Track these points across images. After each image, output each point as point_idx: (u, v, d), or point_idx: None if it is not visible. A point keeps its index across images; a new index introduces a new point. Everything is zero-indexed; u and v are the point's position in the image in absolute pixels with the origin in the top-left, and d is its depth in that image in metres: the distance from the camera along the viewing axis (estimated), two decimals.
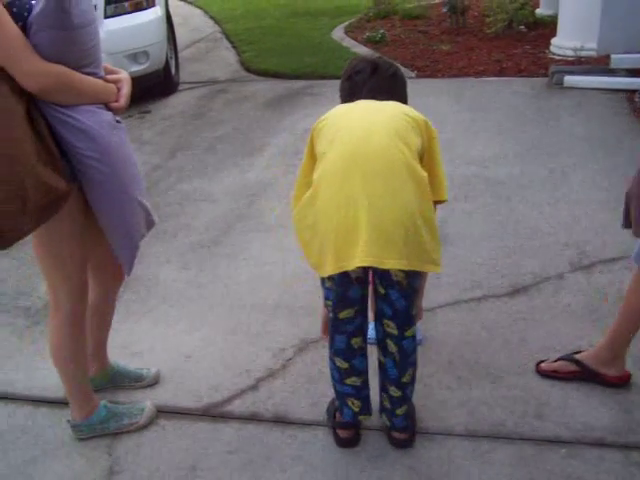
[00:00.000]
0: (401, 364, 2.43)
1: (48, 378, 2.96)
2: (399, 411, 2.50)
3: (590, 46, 7.45)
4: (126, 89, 2.37)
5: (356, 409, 2.52)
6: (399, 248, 2.15)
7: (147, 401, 2.78)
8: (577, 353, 2.85)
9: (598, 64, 7.17)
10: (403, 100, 2.47)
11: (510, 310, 3.34)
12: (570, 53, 7.63)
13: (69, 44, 2.12)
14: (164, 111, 6.98)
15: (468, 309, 3.37)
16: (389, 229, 2.14)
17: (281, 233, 4.27)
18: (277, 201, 4.73)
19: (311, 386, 2.89)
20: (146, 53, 6.63)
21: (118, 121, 2.34)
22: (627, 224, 2.66)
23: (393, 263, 2.17)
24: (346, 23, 10.62)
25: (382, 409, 2.56)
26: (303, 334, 3.25)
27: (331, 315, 2.42)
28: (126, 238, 2.40)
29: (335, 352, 2.46)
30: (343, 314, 2.38)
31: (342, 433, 2.57)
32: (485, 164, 5.09)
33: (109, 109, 2.32)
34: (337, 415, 2.60)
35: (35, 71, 2.08)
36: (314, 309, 3.39)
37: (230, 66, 8.64)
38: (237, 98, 7.24)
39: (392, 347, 2.42)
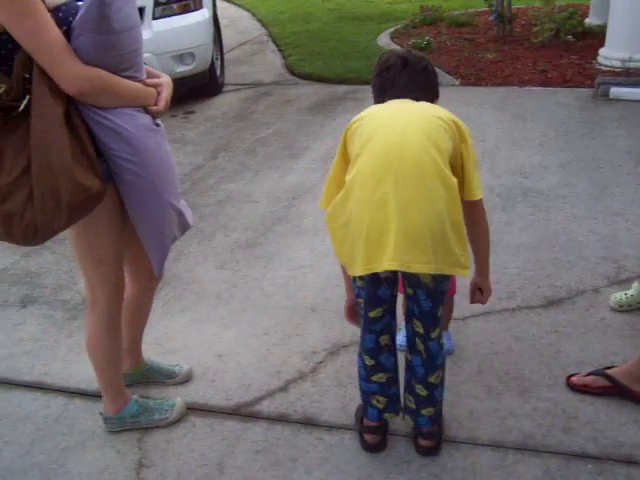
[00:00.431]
0: (428, 363, 2.46)
1: (83, 371, 3.04)
2: (424, 412, 2.52)
3: (639, 57, 7.36)
4: (166, 93, 2.42)
5: (381, 406, 2.55)
6: (427, 253, 2.19)
7: (178, 398, 2.83)
8: (609, 368, 2.83)
9: None
10: (435, 93, 2.48)
11: (543, 322, 3.32)
12: (618, 64, 7.54)
13: (109, 48, 2.18)
14: (208, 112, 7.06)
15: (501, 319, 3.36)
16: (418, 235, 2.18)
17: (318, 237, 4.30)
18: (316, 205, 4.75)
19: (340, 390, 2.91)
20: (192, 54, 6.72)
21: (157, 124, 2.39)
22: None
23: (420, 267, 2.21)
24: (392, 29, 10.62)
25: (407, 411, 2.58)
26: (335, 338, 3.28)
27: (362, 314, 2.47)
28: (157, 240, 2.45)
29: (364, 350, 2.50)
30: (373, 313, 2.43)
31: (369, 437, 2.59)
32: (526, 174, 5.06)
33: (148, 112, 2.37)
34: (364, 419, 2.62)
35: (74, 74, 2.13)
36: None
37: (275, 69, 8.70)
38: (281, 101, 7.30)
39: (420, 345, 2.46)
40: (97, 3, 2.07)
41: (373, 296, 2.39)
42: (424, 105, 2.36)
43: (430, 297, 2.37)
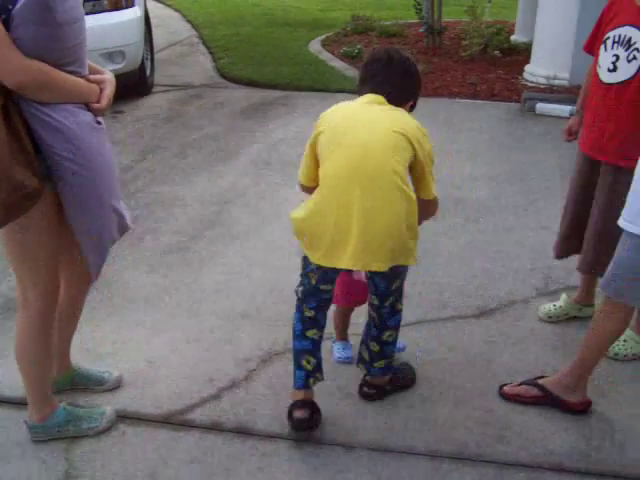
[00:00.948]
0: (380, 325, 2.78)
1: (7, 375, 2.91)
2: (376, 364, 2.82)
3: (563, 75, 7.58)
4: (109, 90, 2.35)
5: (309, 367, 2.71)
6: (385, 255, 2.48)
7: (107, 405, 2.74)
8: (540, 378, 2.88)
9: (570, 94, 7.28)
10: (412, 97, 2.63)
11: (476, 332, 3.36)
12: (543, 81, 7.75)
13: (51, 41, 2.09)
14: (137, 112, 6.92)
15: (434, 328, 3.39)
16: (377, 240, 2.44)
17: (250, 243, 4.26)
18: (247, 210, 4.71)
19: (274, 398, 2.87)
20: (122, 53, 6.58)
21: (99, 122, 2.31)
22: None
23: (378, 266, 2.50)
24: (323, 36, 10.66)
25: (361, 361, 2.88)
26: (268, 346, 3.24)
27: (312, 283, 2.68)
28: (95, 242, 2.37)
29: (307, 306, 2.72)
30: (324, 287, 2.69)
31: (297, 413, 2.66)
32: (456, 185, 5.13)
33: (90, 109, 2.29)
34: (292, 395, 2.73)
35: (14, 66, 2.04)
36: (280, 320, 3.39)
37: (206, 71, 8.60)
38: (211, 104, 7.21)
39: (373, 314, 2.79)
40: None
41: (327, 276, 2.66)
42: (390, 116, 2.49)
43: (385, 280, 2.68)
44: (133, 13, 6.77)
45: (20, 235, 2.24)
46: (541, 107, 6.84)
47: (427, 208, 2.66)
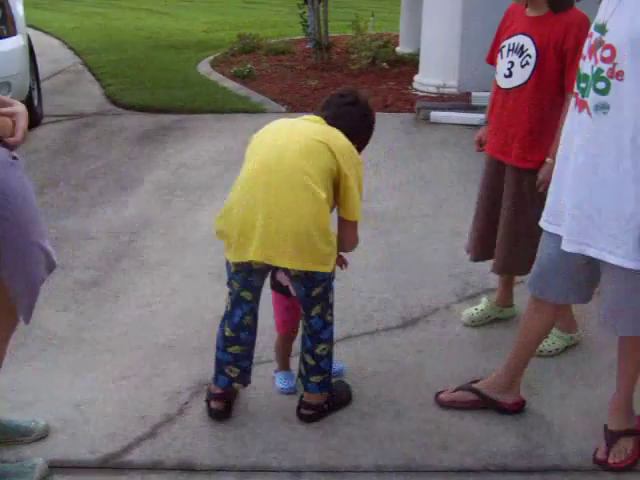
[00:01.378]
0: (313, 337, 2.80)
1: None
2: (313, 379, 2.82)
3: (452, 83, 7.82)
4: (23, 122, 2.24)
5: (233, 375, 2.81)
6: (290, 252, 2.56)
7: (39, 457, 2.60)
8: (475, 382, 2.93)
9: (460, 100, 7.52)
10: (359, 138, 2.84)
11: (403, 342, 3.39)
12: (433, 90, 7.97)
13: None
14: (28, 145, 6.65)
15: (362, 343, 3.40)
16: (280, 235, 2.55)
17: (164, 272, 4.16)
18: (158, 238, 4.61)
19: (212, 429, 2.80)
20: (8, 84, 6.30)
21: (15, 157, 2.21)
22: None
23: (281, 262, 2.59)
24: (211, 57, 10.61)
25: (300, 375, 2.90)
26: (198, 376, 3.15)
27: (235, 291, 2.76)
28: (25, 284, 2.26)
29: (228, 323, 2.79)
30: (244, 293, 2.75)
31: (214, 404, 2.84)
32: (363, 198, 5.16)
33: (4, 145, 2.18)
34: (211, 387, 2.88)
35: None
36: (206, 349, 3.31)
37: (95, 99, 8.39)
38: (106, 132, 7.03)
39: (305, 324, 2.83)
40: None
41: (246, 280, 2.72)
42: (318, 129, 2.65)
43: (303, 285, 2.69)
44: (16, 42, 6.52)
45: None
46: (435, 115, 7.03)
47: (345, 231, 2.75)
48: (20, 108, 2.27)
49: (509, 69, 3.09)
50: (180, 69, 9.78)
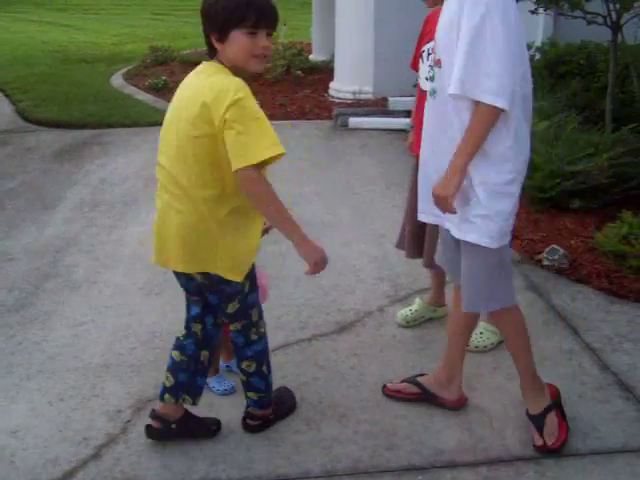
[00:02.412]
0: (237, 351, 2.77)
1: None
2: (249, 394, 2.80)
3: (367, 89, 7.94)
4: None
5: (167, 384, 2.74)
6: (178, 254, 2.48)
7: None
8: (420, 376, 3.00)
9: (377, 106, 7.64)
10: (213, 30, 2.35)
11: (340, 347, 3.42)
12: (349, 96, 8.07)
13: None
14: None
15: (299, 350, 3.42)
16: (167, 239, 2.50)
17: (94, 289, 4.08)
18: (83, 256, 4.52)
19: (157, 447, 2.76)
20: None
21: None
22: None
23: (174, 265, 2.54)
24: (124, 70, 10.47)
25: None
26: (138, 393, 3.11)
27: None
28: None
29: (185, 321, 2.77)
30: (188, 295, 2.73)
31: (151, 422, 2.77)
32: (288, 205, 5.17)
33: None
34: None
35: None
36: (143, 365, 3.30)
37: (6, 116, 8.17)
38: (20, 150, 6.86)
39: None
40: None
41: (182, 283, 2.69)
42: (200, 84, 2.37)
43: (213, 294, 2.61)
44: None
45: None
46: (353, 121, 7.13)
47: (241, 187, 2.34)
48: None
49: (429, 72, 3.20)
50: (92, 83, 9.62)
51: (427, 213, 2.71)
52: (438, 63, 2.52)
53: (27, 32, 15.39)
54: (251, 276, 2.62)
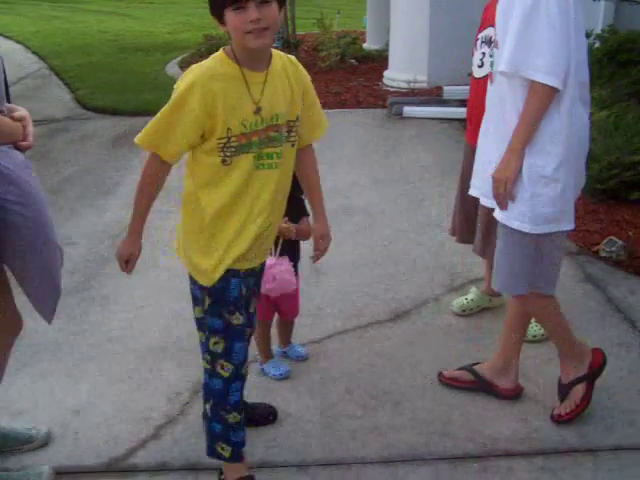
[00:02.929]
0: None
1: None
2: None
3: (421, 78, 7.88)
4: (31, 126, 2.26)
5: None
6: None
7: (44, 465, 2.58)
8: (476, 364, 3.00)
9: (431, 95, 7.59)
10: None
11: (396, 335, 3.43)
12: (403, 85, 8.02)
13: None
14: None
15: (355, 337, 3.43)
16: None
17: (152, 274, 4.15)
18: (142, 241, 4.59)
19: None
20: None
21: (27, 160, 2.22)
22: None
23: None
24: (179, 58, 10.58)
25: None
26: (195, 376, 3.15)
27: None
28: (49, 284, 2.27)
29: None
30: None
31: None
32: (343, 194, 5.22)
33: (17, 148, 2.18)
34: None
35: None
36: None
37: (65, 103, 8.33)
38: (79, 137, 6.99)
39: None
40: None
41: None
42: None
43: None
44: None
45: None
46: (408, 110, 7.09)
47: None
48: (26, 112, 2.28)
49: (481, 59, 3.24)
50: (148, 71, 9.74)
51: (478, 188, 2.82)
52: (497, 45, 2.55)
53: (85, 22, 15.63)
54: (216, 297, 2.32)
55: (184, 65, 10.04)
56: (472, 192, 2.89)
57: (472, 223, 3.44)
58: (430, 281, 3.92)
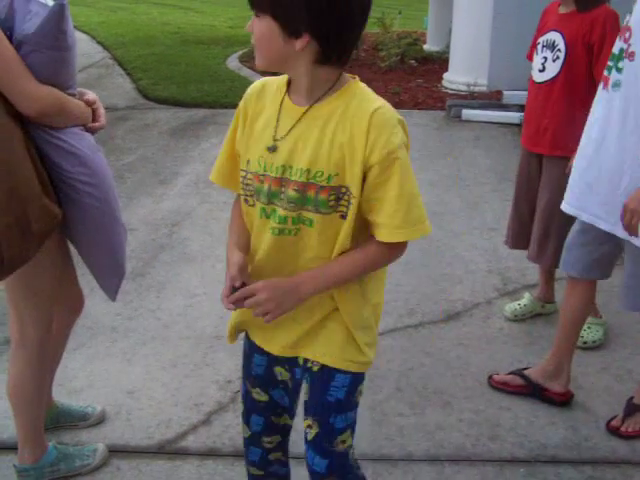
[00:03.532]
0: None
1: None
2: None
3: (481, 82, 7.83)
4: (102, 108, 2.33)
5: None
6: None
7: (99, 443, 2.65)
8: (526, 369, 3.00)
9: (490, 99, 7.54)
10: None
11: (447, 336, 3.43)
12: (463, 88, 7.98)
13: (62, 65, 2.07)
14: None
15: (407, 335, 3.44)
16: None
17: (207, 264, 4.22)
18: (198, 231, 4.68)
19: None
20: None
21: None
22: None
23: None
24: (239, 52, 10.67)
25: None
26: None
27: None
28: (114, 264, 2.33)
29: None
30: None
31: None
32: None
33: (88, 130, 2.25)
34: None
35: (33, 94, 1.99)
36: None
37: (127, 93, 8.48)
38: (139, 126, 7.11)
39: None
40: (57, 16, 1.94)
41: None
42: None
43: None
44: None
45: (30, 270, 2.16)
46: (467, 113, 7.05)
47: None
48: (96, 96, 2.35)
49: (543, 64, 3.24)
50: (210, 64, 9.85)
51: (572, 206, 2.67)
52: (632, 56, 2.39)
53: (149, 14, 15.87)
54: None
55: (245, 59, 10.14)
56: (565, 208, 2.73)
57: (526, 229, 3.42)
58: (483, 284, 3.91)
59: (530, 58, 3.44)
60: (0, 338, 3.42)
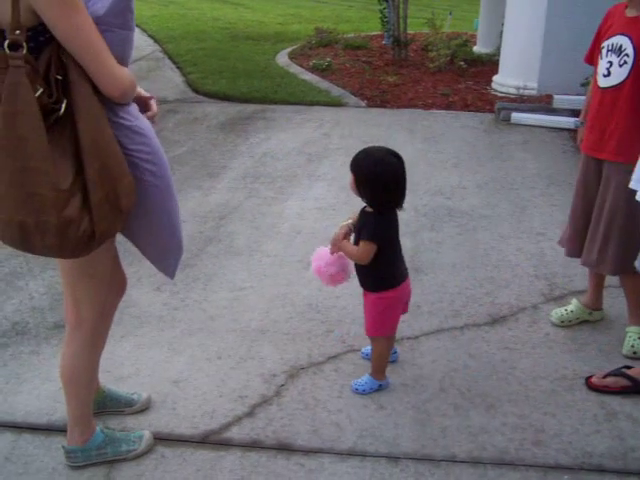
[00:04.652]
0: None
1: (29, 403, 2.86)
2: None
3: (532, 85, 7.75)
4: (154, 100, 2.39)
5: None
6: None
7: (145, 430, 2.69)
8: (626, 368, 3.01)
9: (540, 102, 7.45)
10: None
11: (492, 339, 3.41)
12: (512, 91, 7.90)
13: (129, 45, 2.11)
14: None
15: (452, 337, 3.43)
16: None
17: (254, 258, 4.25)
18: (245, 225, 4.71)
19: (308, 413, 2.87)
20: None
21: None
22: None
23: None
24: (289, 49, 10.71)
25: None
26: (291, 361, 3.23)
27: None
28: (174, 241, 2.36)
29: None
30: None
31: None
32: (447, 195, 5.20)
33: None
34: None
35: (118, 75, 2.04)
36: (298, 335, 3.40)
37: (177, 86, 8.57)
38: (189, 119, 7.19)
39: None
40: None
41: None
42: None
43: None
44: None
45: (93, 254, 2.20)
46: (516, 116, 6.99)
47: None
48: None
49: (608, 69, 3.16)
50: (259, 60, 9.91)
51: None
52: None
53: (200, 9, 16.03)
54: None
55: (294, 56, 10.18)
56: None
57: (582, 238, 3.37)
58: (529, 289, 3.87)
59: (588, 61, 3.39)
60: (49, 323, 3.49)
